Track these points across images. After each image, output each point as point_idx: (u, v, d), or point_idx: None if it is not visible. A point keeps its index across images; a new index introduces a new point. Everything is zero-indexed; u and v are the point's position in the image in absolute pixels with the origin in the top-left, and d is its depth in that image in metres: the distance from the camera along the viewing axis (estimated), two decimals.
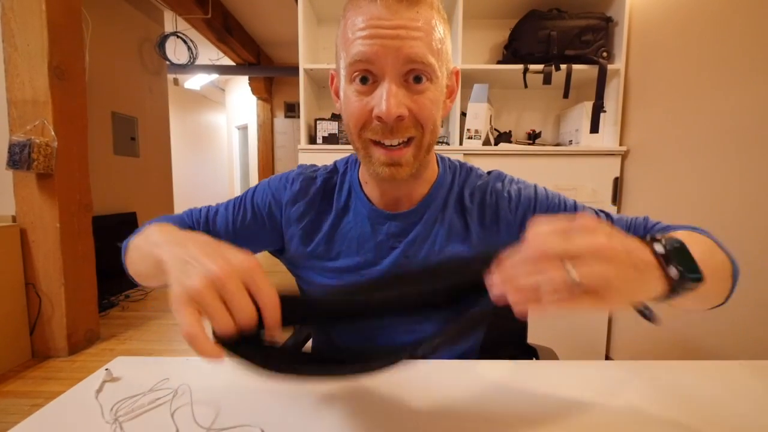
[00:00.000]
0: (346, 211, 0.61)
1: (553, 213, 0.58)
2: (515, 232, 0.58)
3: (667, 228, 0.54)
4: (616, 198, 1.54)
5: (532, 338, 0.78)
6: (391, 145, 0.50)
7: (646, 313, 0.36)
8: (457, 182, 0.62)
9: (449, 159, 0.65)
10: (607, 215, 0.58)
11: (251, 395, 0.45)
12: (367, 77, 0.48)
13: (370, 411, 0.43)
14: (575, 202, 0.60)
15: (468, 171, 0.63)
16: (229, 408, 0.42)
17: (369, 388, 0.47)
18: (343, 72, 0.50)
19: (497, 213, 0.59)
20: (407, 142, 0.51)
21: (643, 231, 0.56)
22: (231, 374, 0.50)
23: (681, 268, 0.31)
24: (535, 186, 0.61)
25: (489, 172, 0.64)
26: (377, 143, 0.51)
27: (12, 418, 1.42)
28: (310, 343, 0.72)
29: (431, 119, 0.50)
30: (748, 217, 1.01)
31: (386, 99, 0.46)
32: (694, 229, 0.51)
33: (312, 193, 0.62)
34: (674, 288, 0.31)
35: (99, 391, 0.45)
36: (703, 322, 1.12)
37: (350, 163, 0.64)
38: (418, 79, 0.48)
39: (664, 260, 0.31)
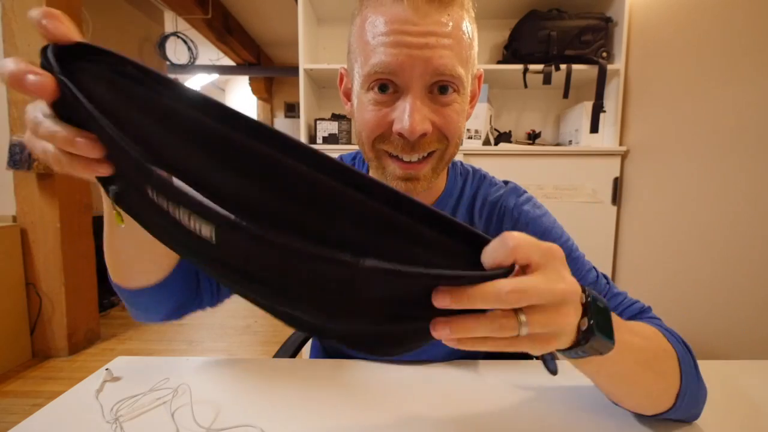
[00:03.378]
0: None
1: None
2: None
3: (646, 319, 0.47)
4: (616, 198, 1.54)
5: None
6: (410, 162, 0.46)
7: (549, 364, 0.34)
8: (468, 190, 0.57)
9: (461, 163, 0.60)
10: (607, 280, 0.52)
11: (251, 395, 0.45)
12: (387, 86, 0.43)
13: (369, 411, 0.43)
14: (582, 257, 0.53)
15: (481, 179, 0.59)
16: (229, 408, 0.42)
17: (369, 387, 0.47)
18: (358, 77, 0.46)
19: (498, 232, 0.54)
20: (428, 156, 0.46)
21: (629, 318, 0.49)
22: (231, 374, 0.50)
23: (593, 321, 0.28)
24: (554, 222, 0.54)
25: (506, 182, 0.59)
26: (393, 156, 0.46)
27: (12, 418, 1.42)
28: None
29: (457, 132, 0.46)
30: (748, 216, 1.00)
31: (410, 114, 0.42)
32: (682, 343, 0.42)
33: None
34: (581, 340, 0.28)
35: (99, 390, 0.45)
36: (704, 322, 1.12)
37: (358, 161, 0.60)
38: (444, 90, 0.43)
39: (583, 309, 0.29)
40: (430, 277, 0.23)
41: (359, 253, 0.21)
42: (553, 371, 0.33)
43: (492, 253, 0.26)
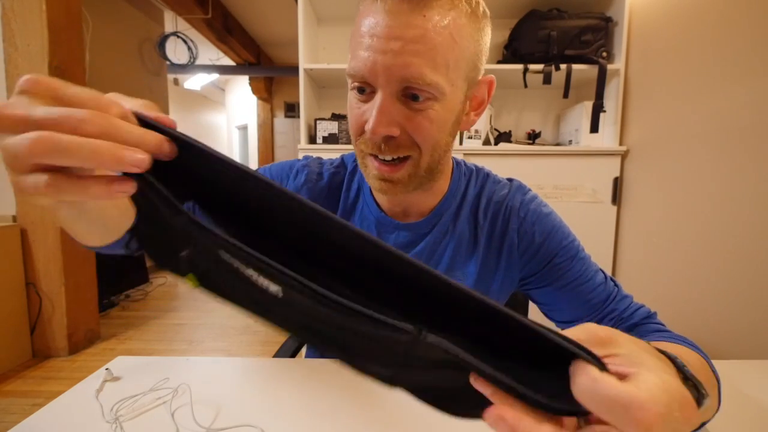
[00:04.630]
0: (352, 213, 0.58)
1: (562, 261, 0.52)
2: (515, 258, 0.54)
3: (666, 336, 0.46)
4: (616, 198, 1.54)
5: None
6: (385, 160, 0.46)
7: None
8: (471, 190, 0.57)
9: (464, 163, 0.60)
10: (615, 282, 0.53)
11: (251, 395, 0.45)
12: (364, 88, 0.44)
13: (369, 410, 0.43)
14: (588, 257, 0.54)
15: (485, 177, 0.59)
16: (229, 408, 0.42)
17: (369, 387, 0.47)
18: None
19: (505, 231, 0.55)
20: (403, 160, 0.46)
21: (636, 322, 0.49)
22: (231, 374, 0.50)
23: (700, 393, 0.25)
24: (560, 222, 0.55)
25: (510, 180, 0.59)
26: (372, 153, 0.46)
27: (12, 418, 1.42)
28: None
29: (430, 140, 0.45)
30: (749, 215, 1.00)
31: (374, 117, 0.42)
32: (694, 346, 0.42)
33: (318, 189, 0.58)
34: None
35: (99, 390, 0.45)
36: (704, 322, 1.12)
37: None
38: (415, 97, 0.42)
39: (695, 390, 0.25)
40: (487, 373, 0.22)
41: (422, 324, 0.22)
42: None
43: (579, 395, 0.20)
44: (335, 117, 1.68)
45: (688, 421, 0.20)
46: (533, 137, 1.77)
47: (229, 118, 6.74)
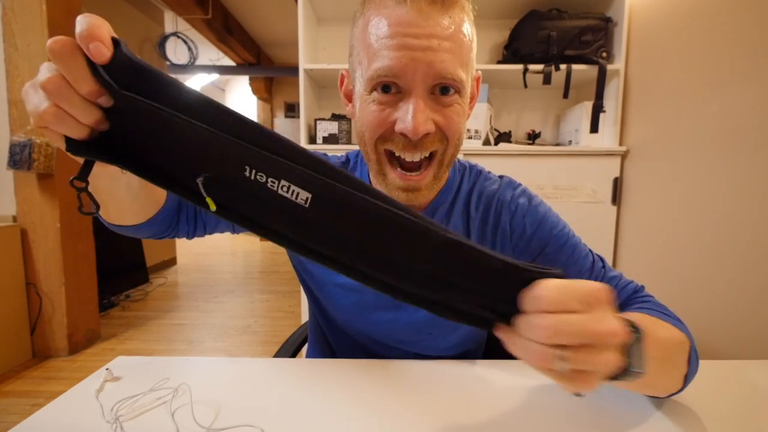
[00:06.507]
0: None
1: (552, 250, 0.54)
2: (508, 250, 0.56)
3: (643, 308, 0.50)
4: (616, 198, 1.54)
5: None
6: (412, 162, 0.47)
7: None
8: (465, 185, 0.59)
9: (458, 159, 0.61)
10: (603, 263, 0.55)
11: (251, 395, 0.45)
12: (390, 86, 0.44)
13: (370, 411, 0.43)
14: (579, 242, 0.55)
15: (477, 173, 0.61)
16: (229, 408, 0.42)
17: (369, 387, 0.47)
18: (360, 79, 0.46)
19: (497, 223, 0.57)
20: (429, 159, 0.47)
21: (624, 300, 0.52)
22: (231, 374, 0.50)
23: (630, 360, 0.30)
24: (548, 211, 0.57)
25: (501, 177, 0.61)
26: (394, 160, 0.47)
27: (12, 418, 1.42)
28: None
29: (458, 133, 0.47)
30: (748, 216, 1.01)
31: (413, 116, 0.43)
32: (677, 320, 0.48)
33: None
34: (615, 376, 0.30)
35: (99, 390, 0.45)
36: (704, 322, 1.12)
37: (360, 158, 0.61)
38: (445, 91, 0.44)
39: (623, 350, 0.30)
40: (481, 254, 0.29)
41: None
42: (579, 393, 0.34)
43: (525, 305, 0.29)
44: (335, 117, 1.68)
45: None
46: (533, 137, 1.77)
47: None
